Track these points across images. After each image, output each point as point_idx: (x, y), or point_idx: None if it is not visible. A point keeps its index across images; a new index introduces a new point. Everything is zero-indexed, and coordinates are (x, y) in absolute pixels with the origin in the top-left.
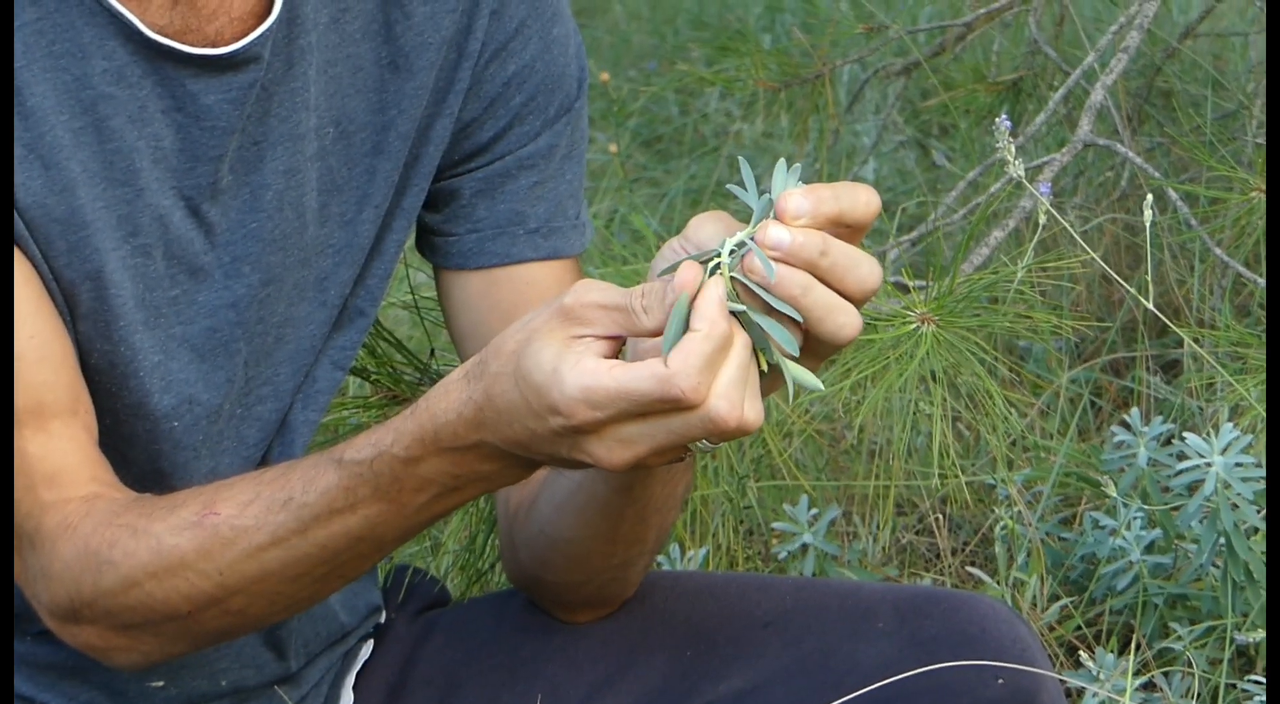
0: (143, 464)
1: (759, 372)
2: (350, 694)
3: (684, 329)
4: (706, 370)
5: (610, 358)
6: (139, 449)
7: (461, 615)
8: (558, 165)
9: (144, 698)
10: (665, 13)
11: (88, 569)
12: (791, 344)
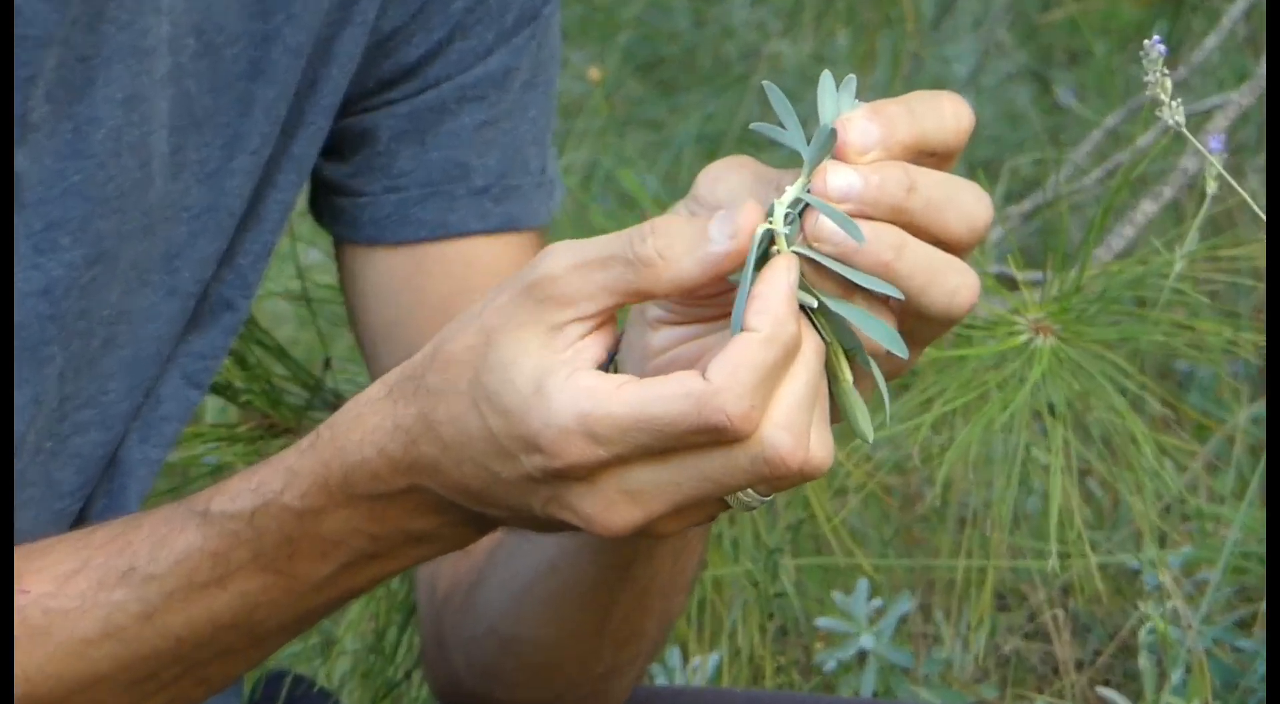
0: None
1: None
2: None
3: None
4: (763, 387)
5: (608, 354)
6: None
7: None
8: (515, 98)
9: None
10: None
11: None
12: (897, 341)
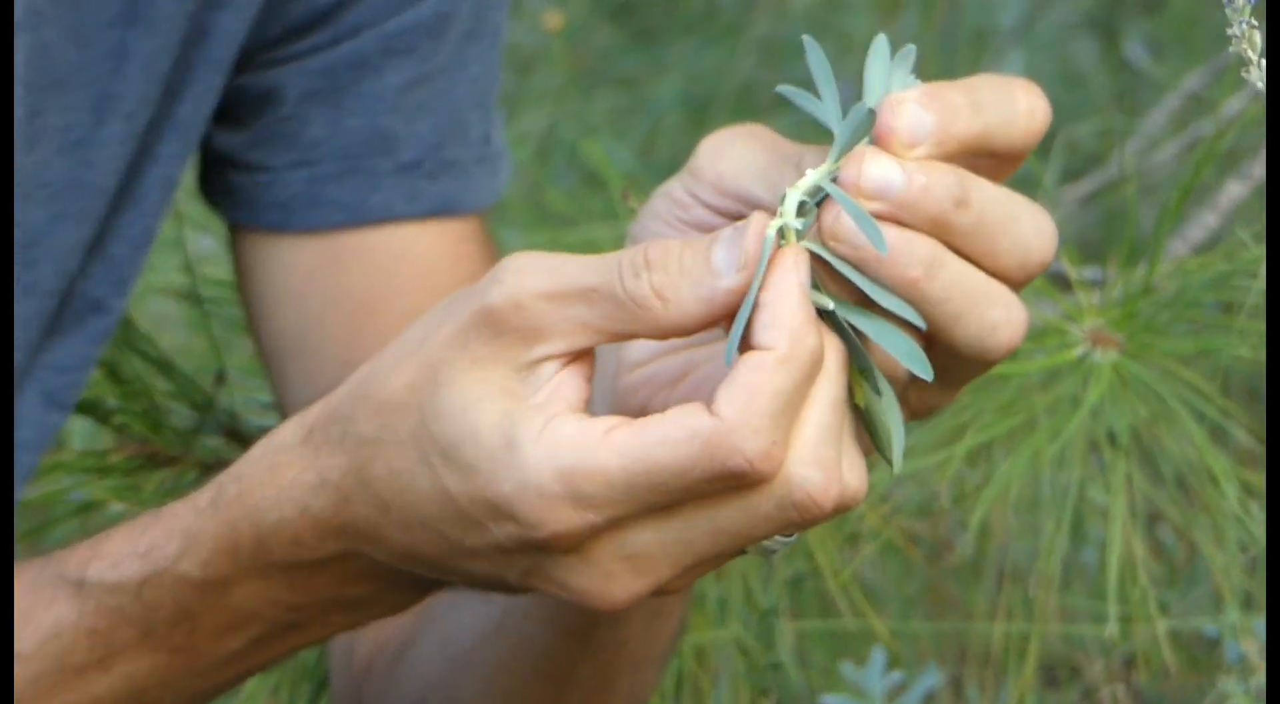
0: None
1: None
2: None
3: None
4: (783, 418)
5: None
6: None
7: None
8: (453, 51)
9: None
10: None
11: None
12: (920, 360)
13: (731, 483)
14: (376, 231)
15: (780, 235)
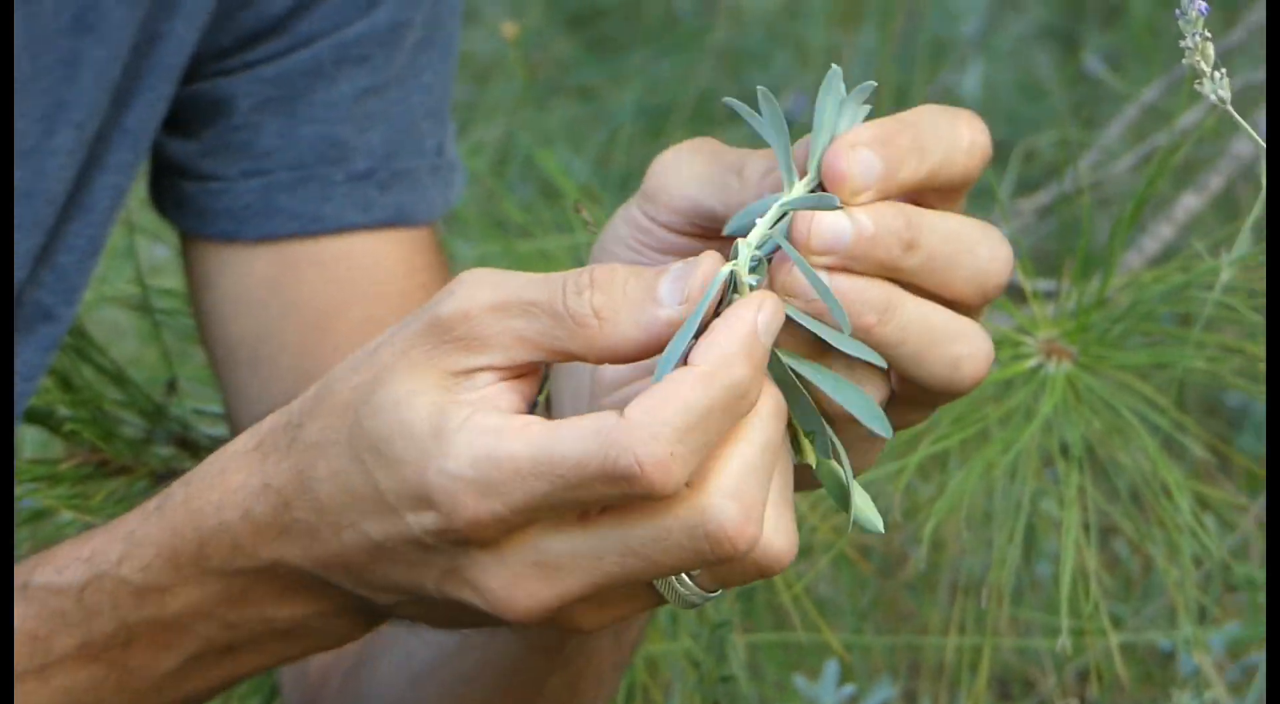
0: None
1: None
2: None
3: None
4: (692, 436)
5: (528, 405)
6: None
7: None
8: (407, 60)
9: None
10: None
11: None
12: (878, 418)
13: (624, 488)
14: (329, 241)
15: (732, 284)
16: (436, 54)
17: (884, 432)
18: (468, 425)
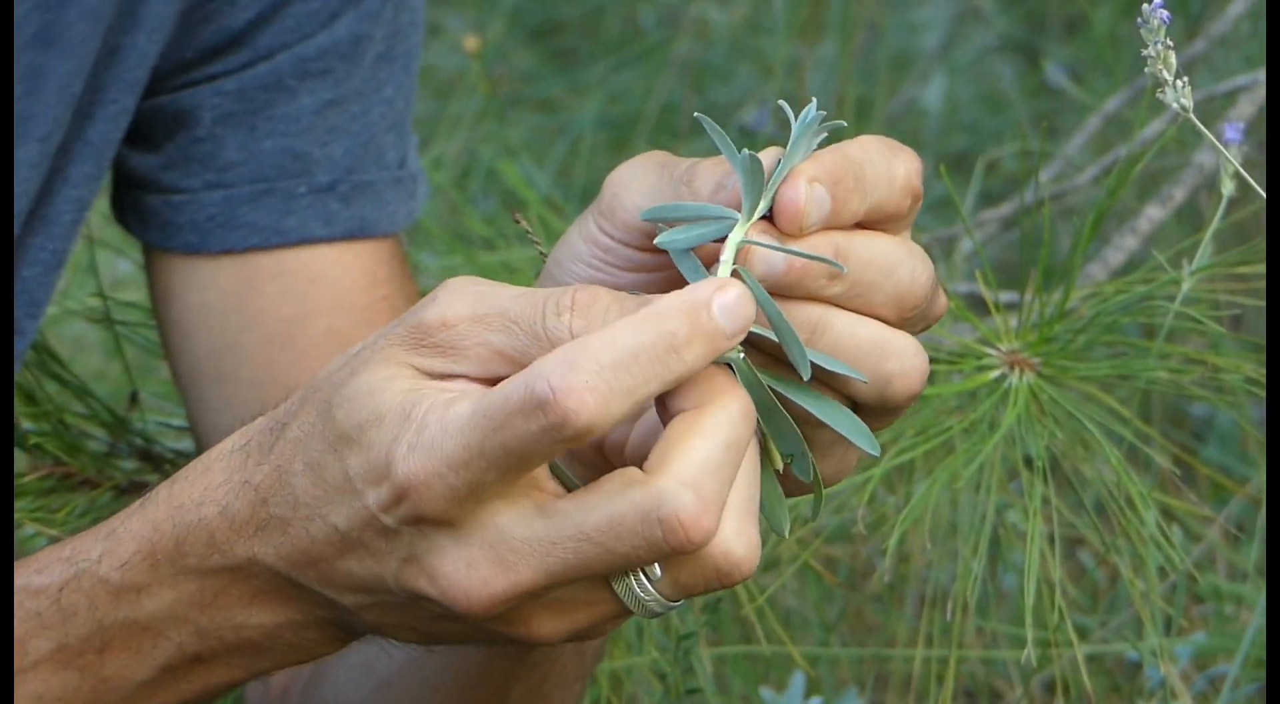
0: None
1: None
2: None
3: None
4: (613, 373)
5: None
6: None
7: None
8: (368, 73)
9: None
10: None
11: None
12: (869, 439)
13: (539, 416)
14: (292, 254)
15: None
16: (398, 67)
17: (873, 450)
18: (435, 407)
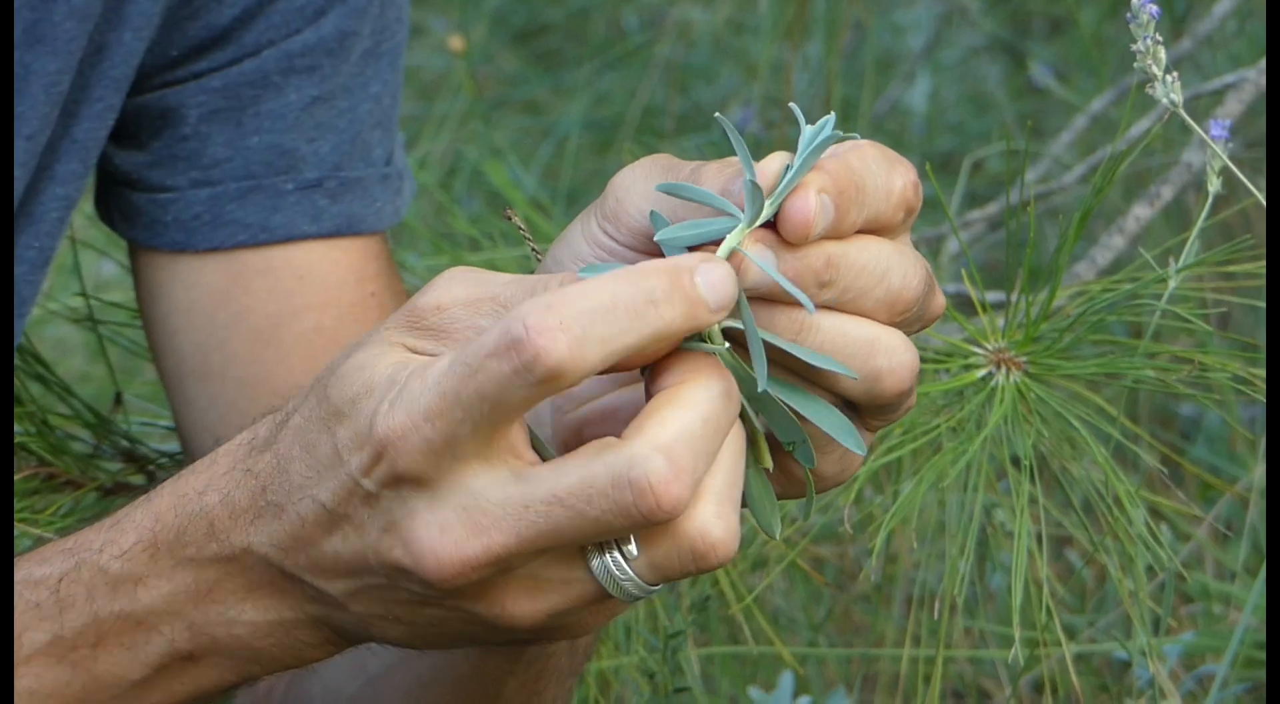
0: None
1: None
2: None
3: None
4: (588, 319)
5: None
6: None
7: None
8: (354, 70)
9: None
10: None
11: None
12: (853, 435)
13: (513, 355)
14: (279, 251)
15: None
16: (384, 63)
17: (859, 449)
18: (418, 370)
